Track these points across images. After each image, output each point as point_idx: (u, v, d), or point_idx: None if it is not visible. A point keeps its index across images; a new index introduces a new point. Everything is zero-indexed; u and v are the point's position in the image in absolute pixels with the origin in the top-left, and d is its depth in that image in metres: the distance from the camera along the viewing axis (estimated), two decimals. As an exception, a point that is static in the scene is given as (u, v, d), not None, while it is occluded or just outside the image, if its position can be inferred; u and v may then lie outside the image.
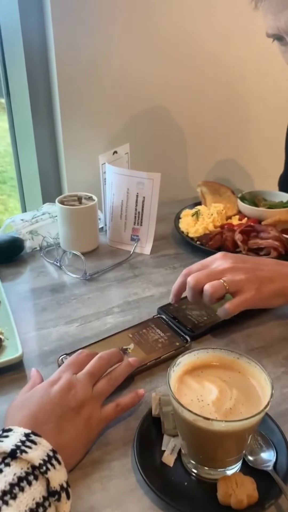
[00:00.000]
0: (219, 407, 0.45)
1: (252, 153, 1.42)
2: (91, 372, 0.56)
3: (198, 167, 1.36)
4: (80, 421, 0.52)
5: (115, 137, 1.18)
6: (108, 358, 0.59)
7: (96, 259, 0.95)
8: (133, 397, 0.57)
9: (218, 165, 1.38)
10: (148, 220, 0.96)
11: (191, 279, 0.69)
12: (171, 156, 1.31)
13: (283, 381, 0.63)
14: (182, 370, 0.50)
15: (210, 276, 0.68)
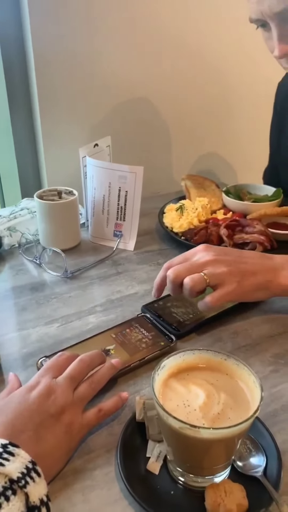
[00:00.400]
0: (206, 413, 0.43)
1: (236, 146, 1.40)
2: (72, 375, 0.53)
3: (182, 161, 1.33)
4: (60, 428, 0.49)
5: (96, 129, 1.15)
6: (90, 361, 0.56)
7: (78, 256, 0.92)
8: (116, 401, 0.54)
9: (201, 159, 1.36)
10: (131, 215, 0.93)
11: (170, 273, 0.66)
12: (154, 149, 1.28)
13: (271, 381, 0.61)
14: (167, 374, 0.47)
15: (190, 269, 0.66)
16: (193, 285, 0.64)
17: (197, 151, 1.35)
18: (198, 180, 1.14)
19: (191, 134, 1.31)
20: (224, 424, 0.42)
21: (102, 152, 0.99)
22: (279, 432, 0.54)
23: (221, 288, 0.65)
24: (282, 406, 0.57)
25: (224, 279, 0.65)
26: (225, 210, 1.05)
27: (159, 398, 0.44)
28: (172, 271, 0.66)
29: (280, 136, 1.08)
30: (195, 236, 0.92)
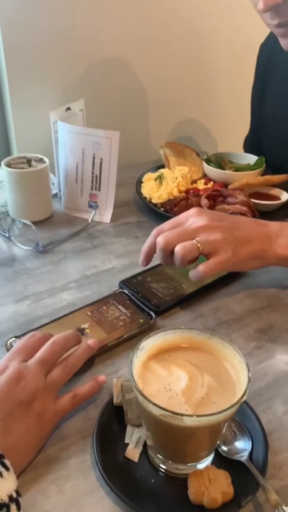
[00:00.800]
0: (189, 397, 0.40)
1: (216, 113, 1.34)
2: (44, 359, 0.49)
3: (159, 127, 1.27)
4: (31, 417, 0.45)
5: (69, 92, 1.07)
6: (64, 342, 0.51)
7: (50, 229, 0.86)
8: (92, 386, 0.51)
9: (180, 126, 1.30)
10: (107, 184, 0.87)
11: (160, 240, 0.61)
12: (130, 115, 1.21)
13: (255, 357, 0.59)
14: (146, 355, 0.43)
15: (182, 236, 0.61)
16: (184, 254, 0.60)
17: (175, 117, 1.29)
18: (178, 148, 1.08)
19: (169, 99, 1.24)
20: (208, 410, 0.39)
21: (75, 117, 0.93)
22: (264, 412, 0.51)
23: (215, 256, 0.61)
24: (266, 384, 0.55)
25: (219, 247, 0.61)
26: (206, 179, 1.00)
27: (138, 382, 0.40)
28: (162, 238, 0.61)
29: (261, 102, 1.03)
30: (175, 207, 0.87)
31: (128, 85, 1.17)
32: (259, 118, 1.06)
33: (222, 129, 1.37)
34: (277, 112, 0.99)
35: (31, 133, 1.06)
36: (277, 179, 0.92)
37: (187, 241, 0.60)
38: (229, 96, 1.32)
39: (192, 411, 0.38)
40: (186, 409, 0.39)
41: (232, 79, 1.30)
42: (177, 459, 0.43)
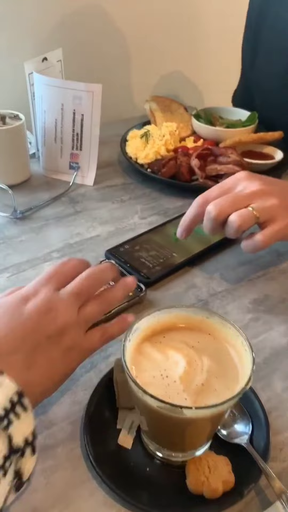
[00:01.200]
0: (188, 384, 0.36)
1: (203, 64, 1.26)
2: (78, 291, 0.43)
3: (144, 80, 1.18)
4: (57, 352, 0.40)
5: (45, 41, 0.97)
6: (101, 275, 0.46)
7: (29, 193, 0.80)
8: (121, 324, 0.46)
9: (165, 78, 1.21)
10: (89, 143, 0.81)
11: (212, 209, 0.56)
12: (112, 66, 1.12)
13: (251, 330, 0.55)
14: (140, 338, 0.39)
15: (235, 203, 0.56)
16: (241, 223, 0.55)
17: (160, 69, 1.20)
18: (165, 103, 1.01)
19: (154, 49, 1.15)
20: (209, 397, 0.35)
21: (52, 68, 0.84)
22: (262, 390, 0.48)
23: (273, 224, 0.56)
24: (264, 359, 0.52)
25: (276, 214, 0.56)
26: (195, 137, 0.94)
27: (132, 369, 0.36)
28: (214, 207, 0.56)
29: (254, 54, 0.96)
30: (163, 168, 0.81)
31: (109, 34, 1.07)
32: (251, 70, 0.98)
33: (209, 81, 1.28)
34: (271, 65, 0.92)
35: (4, 86, 0.96)
36: (270, 137, 0.86)
37: (243, 209, 0.55)
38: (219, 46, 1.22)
39: (192, 400, 0.35)
40: (186, 398, 0.35)
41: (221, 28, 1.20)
42: (174, 448, 0.40)
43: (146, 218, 0.75)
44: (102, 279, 0.46)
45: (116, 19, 1.06)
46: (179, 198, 0.80)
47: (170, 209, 0.77)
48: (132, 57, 1.13)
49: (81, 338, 0.42)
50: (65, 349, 0.41)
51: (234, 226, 0.55)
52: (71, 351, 0.41)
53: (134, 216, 0.75)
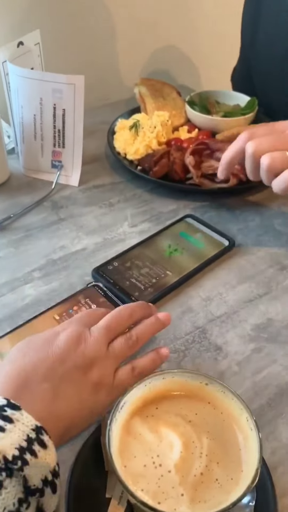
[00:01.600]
0: (185, 474, 0.31)
1: (198, 38, 1.15)
2: (109, 325, 0.42)
3: (133, 58, 1.08)
4: (86, 384, 0.39)
5: (21, 23, 0.87)
6: (131, 312, 0.44)
7: (8, 196, 0.73)
8: (153, 358, 0.43)
9: (157, 56, 1.11)
10: (73, 140, 0.73)
11: (250, 145, 0.56)
12: (97, 45, 1.01)
13: (254, 364, 0.50)
14: (128, 412, 0.34)
15: (275, 145, 0.55)
16: (271, 164, 0.54)
17: (151, 46, 1.09)
18: (156, 86, 0.92)
19: (143, 23, 1.04)
20: (210, 491, 0.31)
21: (30, 53, 0.75)
22: (267, 439, 0.44)
23: None
24: (268, 401, 0.47)
25: None
26: (189, 126, 0.86)
27: (118, 459, 0.31)
28: (253, 144, 0.56)
29: (254, 29, 0.86)
30: (155, 166, 0.74)
31: (93, 8, 0.96)
32: (251, 47, 0.89)
33: (204, 57, 1.18)
34: (273, 42, 0.83)
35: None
36: (272, 127, 0.79)
37: (278, 152, 0.54)
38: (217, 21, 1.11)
39: (189, 497, 0.30)
40: (182, 494, 0.30)
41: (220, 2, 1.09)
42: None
43: (136, 225, 0.68)
44: (133, 316, 0.44)
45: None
46: (172, 200, 0.73)
47: (163, 213, 0.71)
48: (119, 33, 1.02)
49: (110, 374, 0.40)
50: (93, 383, 0.39)
51: (263, 167, 0.55)
52: (100, 386, 0.39)
53: (124, 224, 0.68)
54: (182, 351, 0.51)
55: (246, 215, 0.71)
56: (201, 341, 0.52)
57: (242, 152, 0.58)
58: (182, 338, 0.53)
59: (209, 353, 0.51)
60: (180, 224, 0.67)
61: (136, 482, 0.31)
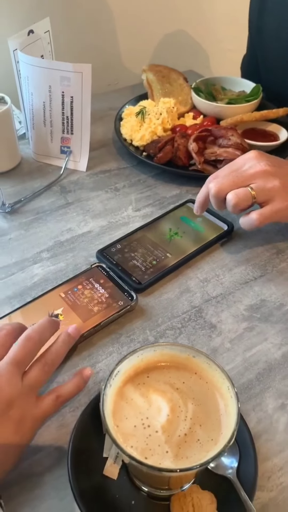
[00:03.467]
0: (170, 434, 0.35)
1: (209, 25, 1.15)
2: (18, 359, 0.41)
3: (142, 43, 1.10)
4: (8, 426, 0.39)
5: (31, 11, 0.89)
6: (39, 337, 0.43)
7: (19, 181, 0.76)
8: (77, 383, 0.44)
9: (166, 39, 1.12)
10: (80, 127, 0.76)
11: (213, 186, 0.60)
12: (106, 30, 1.03)
13: (245, 342, 0.54)
14: (121, 380, 0.38)
15: (236, 182, 0.59)
16: (236, 202, 0.57)
17: (160, 31, 1.10)
18: (163, 72, 0.94)
19: (152, 8, 1.05)
20: (192, 449, 0.34)
21: (40, 41, 0.78)
22: (253, 410, 0.48)
23: (271, 204, 0.58)
24: (257, 375, 0.51)
25: (275, 195, 0.57)
26: (194, 112, 0.88)
27: (111, 419, 0.35)
28: (215, 185, 0.59)
29: (261, 15, 0.87)
30: (159, 152, 0.76)
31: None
32: (258, 33, 0.90)
33: (215, 41, 1.18)
34: (280, 28, 0.83)
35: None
36: (274, 114, 0.81)
37: (241, 189, 0.58)
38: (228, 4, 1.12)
39: (173, 453, 0.34)
40: (167, 451, 0.34)
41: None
42: (158, 487, 0.39)
43: (140, 209, 0.71)
44: (42, 340, 0.44)
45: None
46: (175, 185, 0.76)
47: (166, 198, 0.74)
48: (129, 19, 1.04)
49: (31, 406, 0.41)
50: (15, 422, 0.39)
51: (230, 204, 0.58)
52: (23, 422, 0.40)
53: (128, 208, 0.72)
54: (179, 328, 0.55)
55: (246, 200, 0.73)
56: (196, 320, 0.56)
57: None
58: (179, 316, 0.56)
59: (204, 330, 0.55)
60: (181, 209, 0.70)
61: (126, 440, 0.34)
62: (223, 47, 1.18)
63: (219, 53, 1.20)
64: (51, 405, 0.42)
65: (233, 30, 1.11)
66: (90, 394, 0.48)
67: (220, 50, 1.19)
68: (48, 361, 0.43)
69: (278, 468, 0.43)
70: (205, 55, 1.20)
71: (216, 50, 1.19)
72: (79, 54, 0.95)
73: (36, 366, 0.43)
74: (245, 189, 0.58)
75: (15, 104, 0.81)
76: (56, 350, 0.45)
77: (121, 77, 1.07)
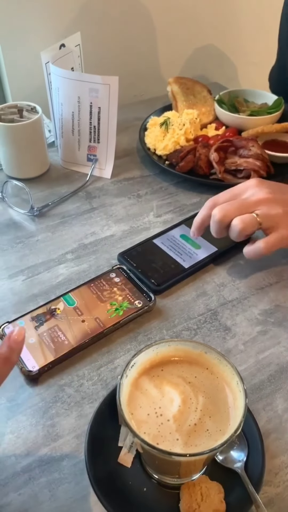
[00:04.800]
0: (181, 424, 0.37)
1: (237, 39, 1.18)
2: None
3: (169, 56, 1.13)
4: None
5: (63, 26, 0.93)
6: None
7: (47, 186, 0.80)
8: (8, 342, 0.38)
9: (193, 52, 1.15)
10: (107, 136, 0.79)
11: (217, 212, 0.59)
12: (135, 43, 1.07)
13: (259, 345, 0.56)
14: (137, 372, 0.40)
15: (240, 209, 0.59)
16: (243, 227, 0.57)
17: (186, 46, 1.14)
18: (187, 85, 0.97)
19: (180, 22, 1.09)
20: (201, 438, 0.37)
21: (71, 54, 0.82)
22: (264, 409, 0.49)
23: (276, 232, 0.58)
24: (269, 377, 0.52)
25: (280, 222, 0.58)
26: (217, 123, 0.90)
27: (126, 407, 0.38)
28: (219, 210, 0.59)
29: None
30: (181, 161, 0.79)
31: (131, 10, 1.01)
32: (287, 48, 0.92)
33: (244, 57, 1.21)
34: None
35: (24, 73, 0.95)
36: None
37: (246, 215, 0.58)
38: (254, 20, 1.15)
39: (183, 441, 0.36)
40: (177, 438, 0.37)
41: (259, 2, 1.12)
42: (169, 475, 0.42)
43: (161, 216, 0.74)
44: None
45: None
46: (196, 194, 0.79)
47: (186, 205, 0.76)
48: (157, 33, 1.08)
49: None
50: None
51: (236, 230, 0.58)
52: None
53: (149, 214, 0.75)
54: (194, 329, 0.57)
55: (265, 209, 0.75)
56: (212, 322, 0.58)
57: (209, 217, 0.61)
58: (195, 318, 0.59)
59: (219, 332, 0.57)
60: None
61: (139, 426, 0.37)
62: (248, 60, 1.20)
63: (244, 66, 1.22)
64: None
65: (258, 44, 1.14)
66: (108, 388, 0.51)
67: (245, 63, 1.22)
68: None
69: (285, 465, 0.45)
70: (230, 68, 1.23)
71: (241, 63, 1.22)
72: (107, 66, 0.99)
73: None
74: (250, 215, 0.58)
75: (46, 114, 0.85)
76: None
77: (147, 89, 1.11)
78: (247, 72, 1.21)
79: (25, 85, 0.94)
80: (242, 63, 1.21)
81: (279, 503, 0.43)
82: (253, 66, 1.13)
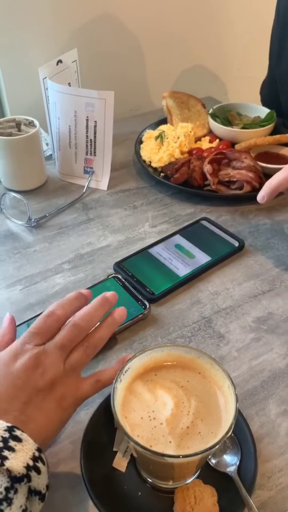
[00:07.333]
0: (174, 427, 0.38)
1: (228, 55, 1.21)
2: (63, 344, 0.44)
3: (164, 71, 1.16)
4: (50, 403, 0.42)
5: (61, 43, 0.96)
6: (86, 325, 0.46)
7: (44, 198, 0.82)
8: (116, 370, 0.44)
9: (185, 69, 1.18)
10: (103, 149, 0.81)
11: None
12: (130, 58, 1.10)
13: (252, 351, 0.57)
14: (131, 376, 0.41)
15: None
16: None
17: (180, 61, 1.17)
18: (182, 99, 0.99)
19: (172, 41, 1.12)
20: (193, 441, 0.37)
21: (68, 70, 0.84)
22: (256, 415, 0.50)
23: None
24: (262, 383, 0.53)
25: None
26: (211, 136, 0.93)
27: (120, 411, 0.39)
28: None
29: (282, 45, 0.92)
30: (176, 173, 0.81)
31: (125, 27, 1.04)
32: (278, 63, 0.95)
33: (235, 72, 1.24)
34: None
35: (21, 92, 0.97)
36: (287, 138, 0.84)
37: None
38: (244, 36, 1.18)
39: (176, 444, 0.37)
40: (170, 441, 0.37)
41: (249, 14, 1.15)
42: (163, 479, 0.42)
43: (156, 226, 0.76)
44: (88, 328, 0.46)
45: (132, 6, 1.03)
46: (190, 204, 0.80)
47: (180, 216, 0.78)
48: (151, 50, 1.10)
49: (72, 387, 0.43)
50: (57, 399, 0.42)
51: None
52: (63, 400, 0.42)
53: (145, 224, 0.76)
54: (189, 337, 0.58)
55: (258, 219, 0.77)
56: (206, 329, 0.59)
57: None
58: (190, 326, 0.60)
59: (213, 340, 0.58)
60: (195, 226, 0.74)
61: (133, 429, 0.38)
62: (241, 75, 1.23)
63: (237, 80, 1.25)
64: (90, 388, 0.45)
65: (251, 59, 1.17)
66: (104, 395, 0.51)
67: (238, 77, 1.24)
68: (90, 345, 0.46)
69: (278, 469, 0.46)
70: (223, 82, 1.25)
71: (234, 78, 1.25)
72: (104, 82, 1.01)
73: (79, 349, 0.45)
74: None
75: (43, 127, 0.87)
76: (100, 335, 0.47)
77: (142, 103, 1.13)
78: (240, 86, 1.24)
79: (23, 99, 0.97)
80: (235, 77, 1.24)
81: (271, 507, 0.43)
82: (246, 80, 1.16)
